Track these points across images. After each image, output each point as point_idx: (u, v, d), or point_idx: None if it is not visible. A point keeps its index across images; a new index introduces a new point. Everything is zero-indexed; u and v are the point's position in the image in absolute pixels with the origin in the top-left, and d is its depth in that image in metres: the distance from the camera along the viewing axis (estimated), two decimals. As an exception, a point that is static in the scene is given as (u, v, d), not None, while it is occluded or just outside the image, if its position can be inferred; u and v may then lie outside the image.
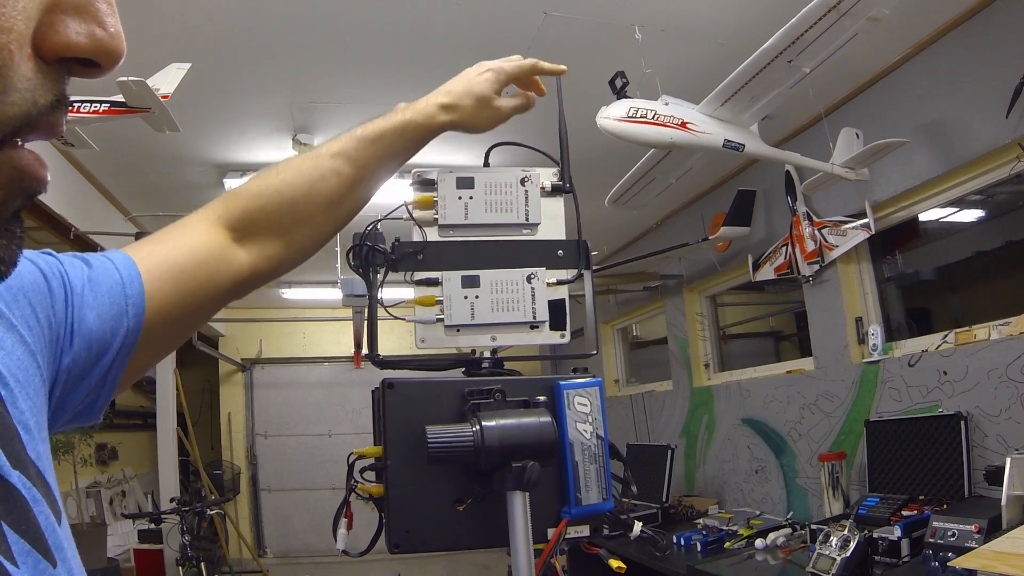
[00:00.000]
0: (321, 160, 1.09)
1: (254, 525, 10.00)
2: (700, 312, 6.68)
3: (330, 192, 1.08)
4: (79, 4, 0.42)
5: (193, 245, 0.96)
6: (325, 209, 1.09)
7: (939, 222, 4.55)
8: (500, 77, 1.25)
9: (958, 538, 2.92)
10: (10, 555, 0.50)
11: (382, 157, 1.13)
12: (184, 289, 0.90)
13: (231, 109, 4.29)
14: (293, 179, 1.07)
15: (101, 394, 0.80)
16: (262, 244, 1.04)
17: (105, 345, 0.78)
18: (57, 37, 0.41)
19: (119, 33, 0.44)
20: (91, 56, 0.43)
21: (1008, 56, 3.43)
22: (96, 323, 0.77)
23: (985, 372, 3.63)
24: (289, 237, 1.07)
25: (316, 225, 1.10)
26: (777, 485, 5.29)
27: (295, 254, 1.09)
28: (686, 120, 3.42)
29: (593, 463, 1.16)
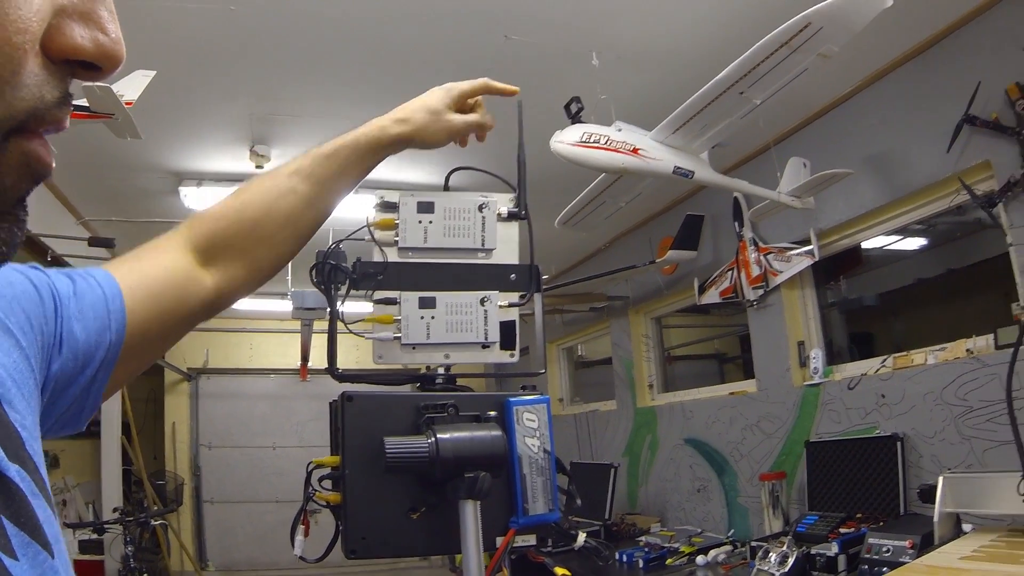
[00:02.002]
0: (279, 179, 1.13)
1: (196, 537, 9.85)
2: (645, 333, 6.77)
3: (289, 210, 1.11)
4: (84, 10, 0.45)
5: (167, 266, 0.99)
6: (285, 227, 1.11)
7: (883, 250, 4.67)
8: (452, 93, 1.30)
9: (892, 553, 3.02)
10: (9, 548, 0.53)
11: (338, 173, 1.17)
12: (160, 308, 0.94)
13: (190, 117, 4.27)
14: (252, 199, 1.10)
15: (86, 404, 0.83)
16: (226, 266, 1.06)
17: (90, 356, 0.81)
18: (64, 40, 0.44)
19: (120, 39, 0.46)
20: (94, 60, 0.46)
21: (951, 94, 3.55)
22: (82, 334, 0.80)
23: (921, 395, 3.75)
24: (251, 258, 1.10)
25: (277, 244, 1.12)
26: (719, 504, 5.37)
27: (257, 275, 1.12)
28: (638, 146, 3.49)
29: (540, 475, 1.22)
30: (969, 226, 3.79)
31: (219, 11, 3.24)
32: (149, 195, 5.33)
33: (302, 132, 4.54)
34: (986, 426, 3.41)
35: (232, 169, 4.96)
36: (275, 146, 4.69)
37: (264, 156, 4.70)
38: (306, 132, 4.54)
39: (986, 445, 3.41)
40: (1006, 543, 2.62)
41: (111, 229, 5.49)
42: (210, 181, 5.08)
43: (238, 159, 4.80)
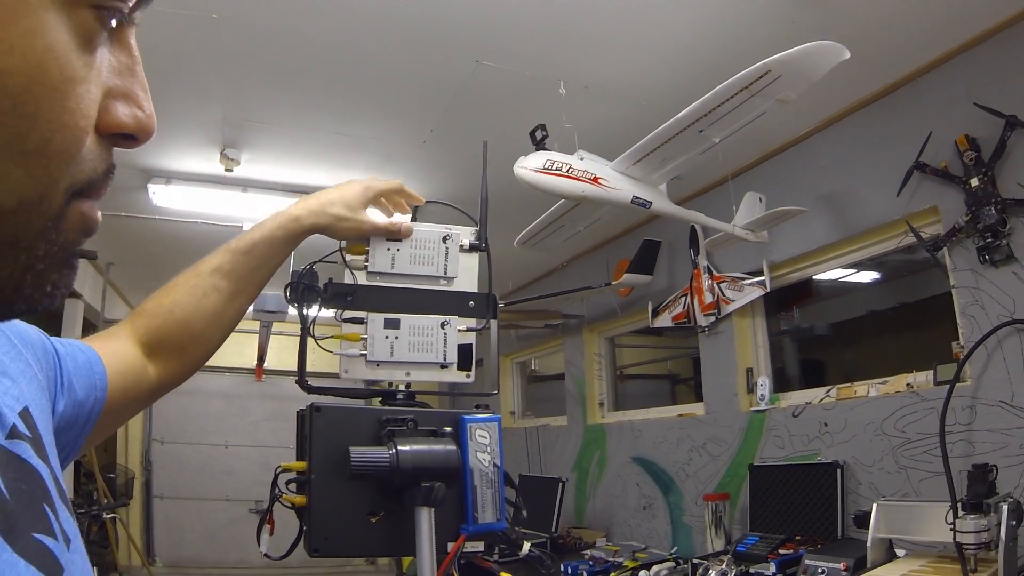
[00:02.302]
0: (202, 279, 1.23)
1: (145, 532, 9.74)
2: (598, 352, 6.84)
3: (213, 308, 1.22)
4: (125, 91, 0.52)
5: (124, 352, 1.10)
6: (211, 323, 1.22)
7: (838, 281, 4.76)
8: (369, 193, 1.40)
9: (827, 575, 3.13)
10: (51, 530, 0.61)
11: (256, 267, 1.28)
12: (124, 385, 1.03)
13: (164, 117, 4.17)
14: (182, 299, 1.20)
15: (72, 452, 0.91)
16: (166, 359, 1.17)
17: (81, 408, 0.90)
18: (111, 118, 0.51)
19: (153, 114, 0.54)
20: (134, 133, 0.52)
21: (903, 141, 3.70)
22: (79, 387, 0.90)
23: (862, 425, 3.88)
24: (185, 352, 1.21)
25: (206, 339, 1.24)
26: (664, 521, 5.46)
27: (191, 366, 1.24)
28: (599, 176, 3.56)
29: (490, 488, 1.31)
30: (920, 263, 3.92)
31: (201, 19, 3.27)
32: (118, 191, 5.33)
33: (273, 139, 4.59)
34: (922, 457, 3.54)
35: (202, 170, 4.98)
36: (245, 151, 4.72)
37: (234, 160, 4.72)
38: (277, 139, 4.59)
39: (921, 475, 3.54)
40: (934, 569, 2.73)
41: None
42: (179, 180, 5.09)
43: (208, 160, 4.82)
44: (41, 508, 0.61)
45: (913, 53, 3.60)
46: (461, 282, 1.49)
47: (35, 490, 0.61)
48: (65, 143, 0.46)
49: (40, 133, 0.45)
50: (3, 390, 0.66)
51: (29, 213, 0.47)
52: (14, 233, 0.47)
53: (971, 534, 2.52)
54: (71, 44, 0.45)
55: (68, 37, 0.45)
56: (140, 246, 6.73)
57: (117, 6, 0.48)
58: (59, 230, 0.49)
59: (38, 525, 0.59)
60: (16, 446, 0.62)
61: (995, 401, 3.28)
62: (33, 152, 0.45)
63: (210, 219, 5.56)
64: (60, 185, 0.48)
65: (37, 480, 0.63)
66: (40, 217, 0.47)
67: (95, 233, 0.54)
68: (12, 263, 0.47)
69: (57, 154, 0.46)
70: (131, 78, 0.53)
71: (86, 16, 0.46)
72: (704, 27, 3.34)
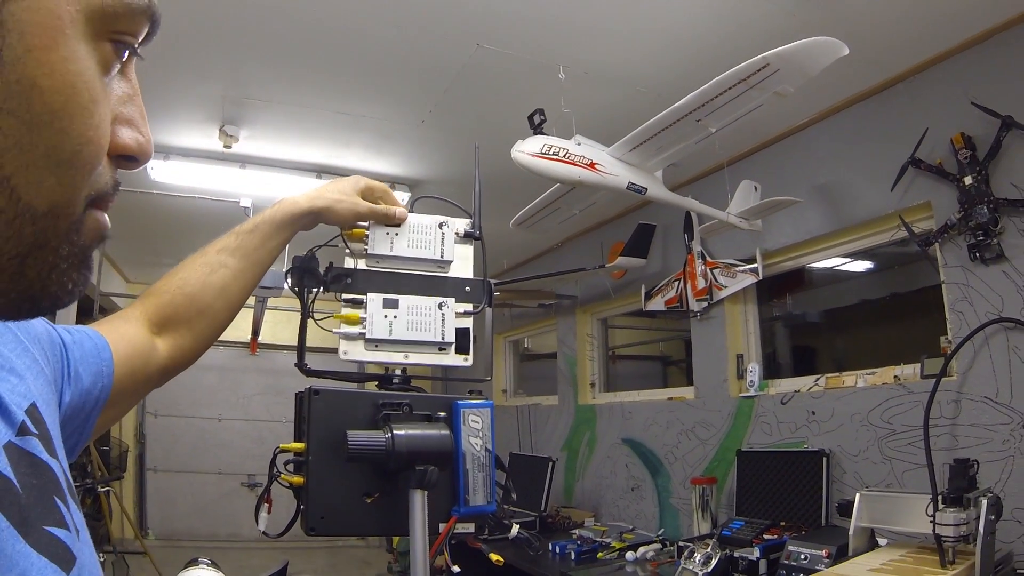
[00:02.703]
0: (209, 256, 1.30)
1: (138, 505, 9.78)
2: (591, 333, 6.88)
3: (221, 283, 1.28)
4: (129, 118, 0.58)
5: (133, 335, 1.14)
6: (218, 297, 1.28)
7: (831, 269, 4.78)
8: (360, 184, 1.47)
9: (809, 561, 3.17)
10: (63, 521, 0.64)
11: (259, 245, 1.34)
12: (132, 368, 1.08)
13: (164, 92, 4.25)
14: (189, 276, 1.27)
15: (81, 438, 0.95)
16: (173, 337, 1.23)
17: (87, 395, 0.94)
18: (118, 141, 0.57)
19: (151, 139, 0.61)
20: (136, 155, 0.59)
21: (899, 136, 3.73)
22: (85, 375, 0.94)
23: (849, 415, 3.93)
24: (194, 328, 1.26)
25: (214, 313, 1.29)
26: (651, 503, 5.52)
27: (201, 342, 1.29)
28: (595, 161, 3.59)
29: (481, 471, 1.35)
30: (913, 255, 3.95)
31: (201, -4, 3.28)
32: (116, 165, 5.34)
33: (272, 117, 4.59)
34: (907, 449, 3.60)
35: (201, 146, 4.99)
36: (244, 127, 4.72)
37: (233, 136, 4.73)
38: (276, 117, 4.60)
39: (905, 467, 3.59)
40: (913, 559, 2.76)
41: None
42: (177, 156, 5.11)
43: (208, 137, 4.82)
44: (52, 501, 0.64)
45: (912, 50, 3.61)
46: (457, 269, 1.53)
47: (46, 484, 0.65)
48: (90, 156, 0.53)
49: (71, 146, 0.51)
50: (10, 387, 0.69)
51: (57, 218, 0.52)
52: (44, 235, 0.52)
53: (950, 527, 2.56)
54: (95, 71, 0.53)
55: (94, 64, 0.52)
56: (138, 221, 6.74)
57: (129, 40, 0.55)
58: (79, 233, 0.55)
59: (50, 518, 0.63)
60: (27, 443, 0.65)
61: (980, 397, 3.32)
62: (65, 163, 0.51)
63: (208, 195, 5.57)
64: (82, 193, 0.54)
65: (48, 475, 0.66)
66: (65, 221, 0.53)
67: (106, 239, 0.60)
68: (41, 263, 0.53)
69: (83, 165, 0.53)
70: (133, 106, 0.59)
71: (106, 48, 0.53)
72: (705, 17, 3.35)
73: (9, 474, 0.60)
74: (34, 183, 0.50)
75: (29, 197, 0.50)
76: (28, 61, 0.47)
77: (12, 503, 0.58)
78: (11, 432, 0.64)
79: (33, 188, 0.50)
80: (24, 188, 0.49)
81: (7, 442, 0.62)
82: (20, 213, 0.50)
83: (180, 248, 8.80)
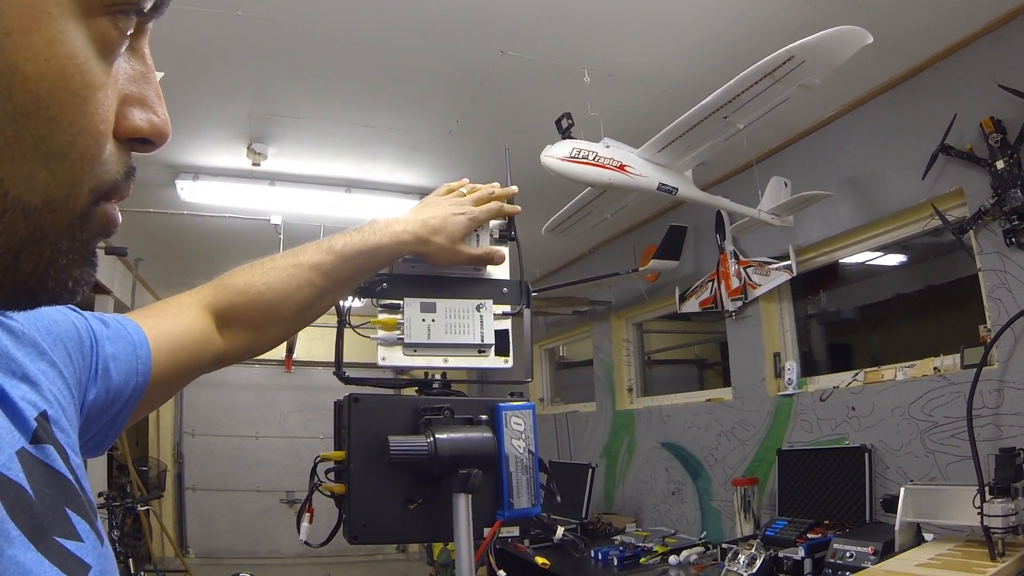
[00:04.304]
0: (301, 269, 1.23)
1: (178, 523, 9.83)
2: (626, 338, 6.86)
3: (304, 299, 1.24)
4: (140, 97, 0.54)
5: (189, 325, 1.11)
6: (297, 313, 1.24)
7: (864, 264, 4.74)
8: (474, 226, 1.40)
9: (855, 559, 3.12)
10: (75, 533, 0.63)
11: (354, 274, 1.29)
12: (178, 361, 1.06)
13: (191, 113, 4.31)
14: (276, 283, 1.21)
15: (110, 433, 0.93)
16: (238, 335, 1.19)
17: (118, 393, 0.92)
18: (128, 123, 0.53)
19: (167, 119, 0.56)
20: (150, 137, 0.55)
21: (928, 123, 3.68)
22: (115, 373, 0.91)
23: (889, 409, 3.87)
24: (262, 333, 1.23)
25: (287, 325, 1.25)
26: (693, 506, 5.48)
27: (264, 346, 1.26)
28: (624, 163, 3.58)
29: (524, 474, 1.33)
30: (946, 246, 3.90)
31: (226, 15, 3.30)
32: (146, 187, 5.38)
33: (299, 133, 4.62)
34: (950, 441, 3.53)
35: (229, 165, 5.03)
36: (272, 145, 4.75)
37: (261, 154, 4.76)
38: (303, 133, 4.62)
39: (949, 459, 3.53)
40: (962, 552, 2.73)
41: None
42: (206, 175, 5.15)
43: (236, 156, 4.86)
44: (65, 512, 0.63)
45: (937, 35, 3.57)
46: (493, 270, 1.50)
47: (59, 494, 0.63)
48: (87, 146, 0.49)
49: (63, 136, 0.47)
50: (22, 394, 0.68)
51: (55, 212, 0.49)
52: (41, 230, 0.49)
53: (999, 518, 2.52)
54: (90, 52, 0.48)
55: (87, 45, 0.48)
56: (168, 241, 6.80)
57: (130, 10, 0.50)
58: (84, 228, 0.52)
59: (61, 529, 0.61)
60: (40, 450, 0.64)
61: (1022, 385, 3.26)
62: (57, 154, 0.47)
63: (238, 213, 5.60)
64: (84, 186, 0.50)
65: (62, 484, 0.65)
66: (66, 215, 0.50)
67: (115, 232, 0.56)
68: (37, 258, 0.50)
69: (80, 156, 0.49)
70: (146, 85, 0.55)
71: (103, 25, 0.48)
72: (728, 14, 3.33)
73: (22, 481, 0.58)
74: (23, 177, 0.47)
75: (19, 191, 0.47)
76: (7, 46, 0.44)
77: (24, 511, 0.56)
78: (25, 439, 0.63)
79: (23, 182, 0.47)
80: (12, 182, 0.46)
81: (20, 448, 0.61)
82: (9, 207, 0.47)
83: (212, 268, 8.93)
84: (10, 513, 0.55)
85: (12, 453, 0.59)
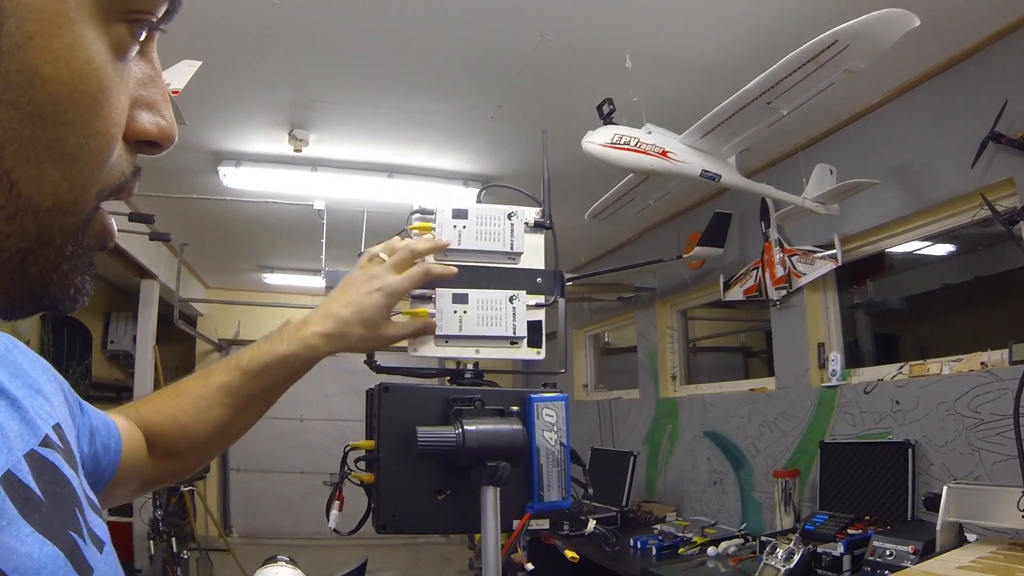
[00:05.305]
0: (209, 390, 1.19)
1: (221, 503, 10.00)
2: (671, 325, 6.81)
3: (217, 420, 1.19)
4: (149, 101, 0.55)
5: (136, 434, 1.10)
6: (214, 435, 1.20)
7: (912, 254, 4.67)
8: (392, 300, 1.29)
9: (895, 557, 3.07)
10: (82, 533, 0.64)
11: (264, 388, 1.23)
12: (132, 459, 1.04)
13: (232, 100, 4.36)
14: (186, 405, 1.18)
15: None
16: (161, 459, 1.16)
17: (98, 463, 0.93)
18: (137, 126, 0.54)
19: (174, 123, 0.57)
20: (157, 140, 0.56)
21: (977, 110, 3.58)
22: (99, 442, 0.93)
23: (935, 404, 3.79)
24: (183, 458, 1.20)
25: (206, 449, 1.23)
26: (733, 497, 5.45)
27: (188, 470, 1.25)
28: (667, 149, 3.55)
29: (556, 466, 1.31)
30: (996, 236, 3.81)
31: (263, 2, 3.32)
32: (189, 173, 5.44)
33: (340, 118, 4.64)
34: (996, 439, 3.45)
35: (271, 151, 5.06)
36: (313, 131, 4.78)
37: (303, 140, 4.80)
38: (344, 118, 4.64)
39: (995, 458, 3.45)
40: (1004, 556, 2.65)
41: (150, 204, 5.62)
42: (248, 162, 5.19)
43: (277, 142, 4.90)
44: (73, 511, 0.64)
45: (987, 18, 3.47)
46: (528, 259, 1.48)
47: (67, 495, 0.65)
48: (99, 149, 0.50)
49: (77, 139, 0.48)
50: (38, 405, 0.70)
51: (63, 214, 0.50)
52: (49, 232, 0.50)
53: (1044, 522, 2.46)
54: (107, 56, 0.49)
55: (104, 49, 0.49)
56: (212, 227, 6.87)
57: (146, 18, 0.51)
58: (86, 233, 0.53)
59: (71, 526, 0.62)
60: (49, 454, 0.65)
61: (1073, 383, 3.18)
62: (70, 156, 0.48)
63: (280, 199, 5.65)
64: (92, 189, 0.52)
65: (68, 487, 0.66)
66: (73, 218, 0.51)
67: (111, 245, 0.58)
68: (43, 261, 0.51)
69: (91, 159, 0.50)
70: (154, 89, 0.56)
71: (120, 30, 0.50)
72: (772, -3, 3.27)
73: (31, 483, 0.59)
74: (36, 178, 0.47)
75: (31, 192, 0.47)
76: (29, 49, 0.45)
77: (34, 511, 0.57)
78: (35, 441, 0.64)
79: (35, 183, 0.47)
80: (26, 183, 0.47)
81: (29, 451, 0.62)
82: (21, 208, 0.47)
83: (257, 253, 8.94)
84: (22, 512, 0.56)
85: (21, 456, 0.61)
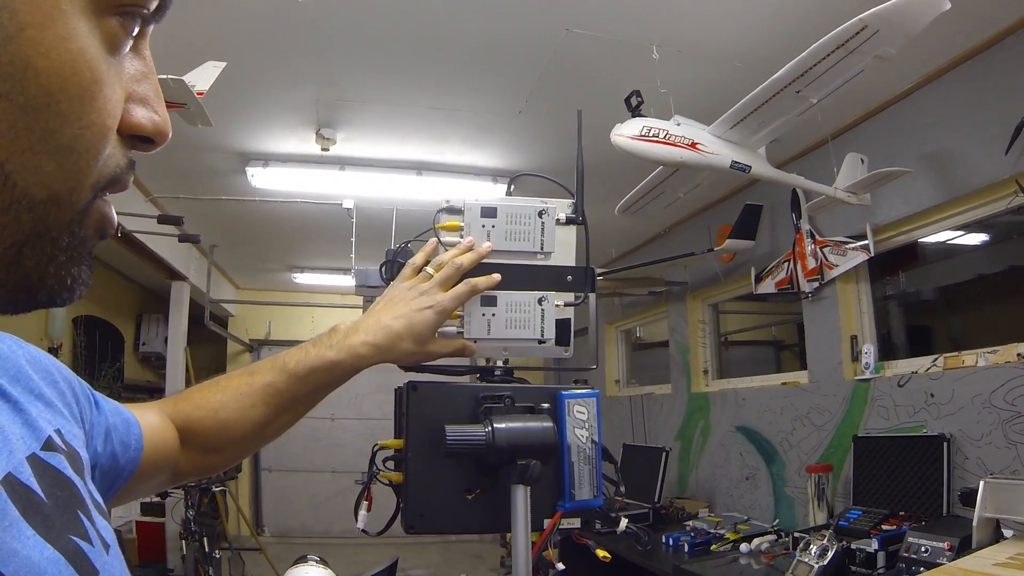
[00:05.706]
0: (254, 389, 1.20)
1: (253, 503, 10.08)
2: (702, 319, 6.77)
3: (258, 419, 1.20)
4: (143, 96, 0.56)
5: (162, 428, 1.10)
6: (252, 432, 1.21)
7: (945, 244, 4.62)
8: (442, 319, 1.30)
9: (931, 554, 3.04)
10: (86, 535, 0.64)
11: (309, 393, 1.25)
12: (158, 454, 1.05)
13: (258, 100, 4.38)
14: (229, 402, 1.19)
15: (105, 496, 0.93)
16: (196, 452, 1.17)
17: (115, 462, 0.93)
18: (131, 120, 0.55)
19: (168, 119, 0.58)
20: (150, 135, 0.57)
21: (1010, 95, 3.53)
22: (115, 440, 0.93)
23: (970, 397, 3.73)
24: (218, 453, 1.21)
25: (242, 445, 1.24)
26: (766, 492, 5.40)
27: (221, 465, 1.25)
28: (696, 141, 3.52)
29: (587, 464, 1.29)
30: (1032, 225, 3.76)
31: (288, 1, 3.33)
32: (216, 174, 5.48)
33: (368, 117, 4.65)
34: (1034, 433, 3.40)
35: (299, 151, 5.09)
36: (340, 130, 4.80)
37: (330, 139, 4.81)
38: (372, 117, 4.65)
39: (1033, 453, 3.40)
40: (1041, 552, 2.64)
41: (179, 206, 5.66)
42: (276, 162, 5.21)
43: (305, 142, 4.92)
44: (76, 514, 0.64)
45: (1018, 0, 3.40)
46: (558, 256, 1.44)
47: (71, 498, 0.65)
48: (93, 140, 0.51)
49: (71, 130, 0.49)
50: (38, 411, 0.70)
51: (59, 206, 0.50)
52: (44, 224, 0.50)
53: (1083, 517, 2.41)
54: (100, 49, 0.50)
55: (97, 42, 0.50)
56: (241, 227, 6.91)
57: (137, 12, 0.52)
58: (83, 224, 0.54)
59: (74, 530, 0.62)
60: (52, 457, 0.66)
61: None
62: (65, 148, 0.49)
63: (309, 198, 5.67)
64: (88, 181, 0.52)
65: (72, 490, 0.66)
66: (68, 210, 0.51)
67: (111, 234, 0.58)
68: (39, 252, 0.51)
69: (86, 150, 0.51)
70: (147, 85, 0.57)
71: (112, 24, 0.51)
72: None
73: (33, 485, 0.60)
74: (31, 169, 0.48)
75: (26, 184, 0.48)
76: (22, 40, 0.45)
77: (36, 513, 0.58)
78: (37, 445, 0.65)
79: (30, 175, 0.48)
80: (20, 174, 0.47)
81: (31, 454, 0.63)
82: (16, 200, 0.48)
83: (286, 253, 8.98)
84: (24, 515, 0.56)
85: (23, 458, 0.61)
